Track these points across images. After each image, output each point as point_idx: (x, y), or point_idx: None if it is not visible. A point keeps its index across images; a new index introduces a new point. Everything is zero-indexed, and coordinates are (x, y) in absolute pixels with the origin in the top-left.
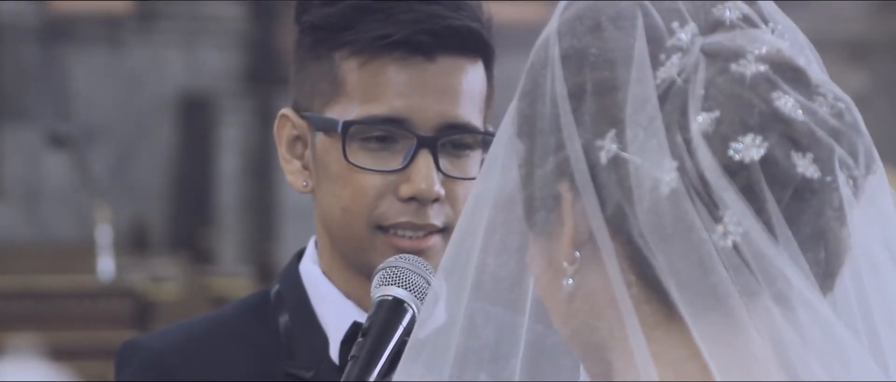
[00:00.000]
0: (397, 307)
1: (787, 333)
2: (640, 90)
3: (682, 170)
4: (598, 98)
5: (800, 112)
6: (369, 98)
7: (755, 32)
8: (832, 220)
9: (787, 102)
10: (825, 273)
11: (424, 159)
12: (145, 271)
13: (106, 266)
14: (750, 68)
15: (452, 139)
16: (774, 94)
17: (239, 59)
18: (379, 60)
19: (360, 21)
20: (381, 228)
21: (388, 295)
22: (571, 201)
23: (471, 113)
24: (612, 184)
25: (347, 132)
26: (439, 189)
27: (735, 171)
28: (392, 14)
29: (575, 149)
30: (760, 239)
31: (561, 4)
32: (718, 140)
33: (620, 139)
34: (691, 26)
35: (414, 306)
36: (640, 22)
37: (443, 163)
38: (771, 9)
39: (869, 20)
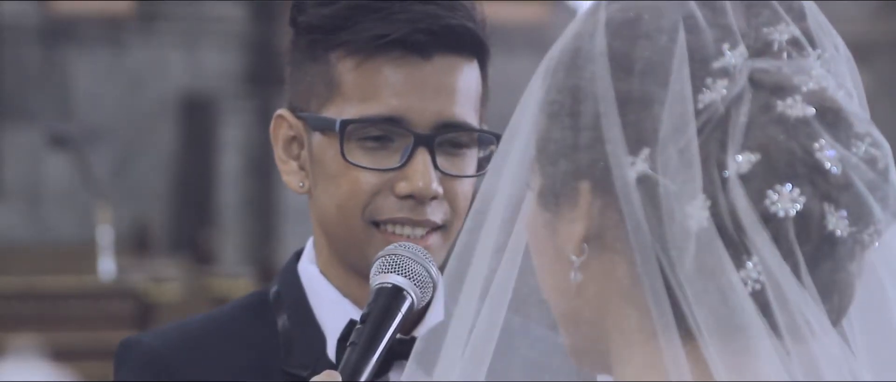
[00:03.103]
0: (396, 294)
1: (803, 371)
2: (679, 112)
3: (714, 209)
4: (635, 110)
5: (840, 165)
6: (366, 97)
7: (803, 63)
8: (850, 270)
9: (829, 155)
10: (836, 316)
11: (422, 157)
12: (146, 272)
13: (107, 266)
14: (796, 110)
15: (449, 138)
16: (816, 145)
17: (240, 59)
18: (375, 60)
19: (356, 21)
20: (376, 224)
21: (387, 283)
22: (590, 200)
23: (467, 112)
24: (636, 202)
25: (345, 131)
26: (437, 187)
27: (768, 220)
28: (388, 14)
29: (605, 156)
30: (784, 286)
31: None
32: (756, 185)
33: (653, 159)
34: (741, 49)
35: (413, 294)
36: (681, 37)
37: (440, 161)
38: (817, 25)
39: (870, 21)
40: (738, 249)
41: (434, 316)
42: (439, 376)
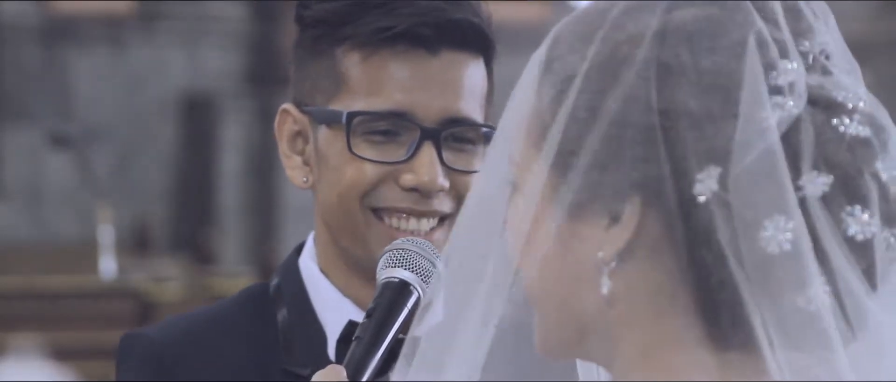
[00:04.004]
0: (403, 289)
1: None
2: (752, 129)
3: (795, 229)
4: (699, 126)
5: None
6: (373, 91)
7: (841, 79)
8: (883, 290)
9: (889, 176)
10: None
11: (428, 151)
12: (147, 271)
13: (108, 266)
14: (851, 128)
15: (455, 133)
16: (878, 165)
17: (240, 59)
18: (381, 54)
19: (361, 15)
20: (376, 212)
21: (394, 277)
22: (640, 212)
23: (473, 108)
24: (702, 224)
25: (351, 124)
26: (443, 181)
27: (846, 241)
28: (394, 8)
29: (664, 172)
30: (859, 302)
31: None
32: (833, 207)
33: (722, 177)
34: (799, 64)
35: (419, 288)
36: (752, 46)
37: (446, 155)
38: (829, 41)
39: (871, 20)
40: (810, 271)
41: (433, 315)
42: (432, 375)
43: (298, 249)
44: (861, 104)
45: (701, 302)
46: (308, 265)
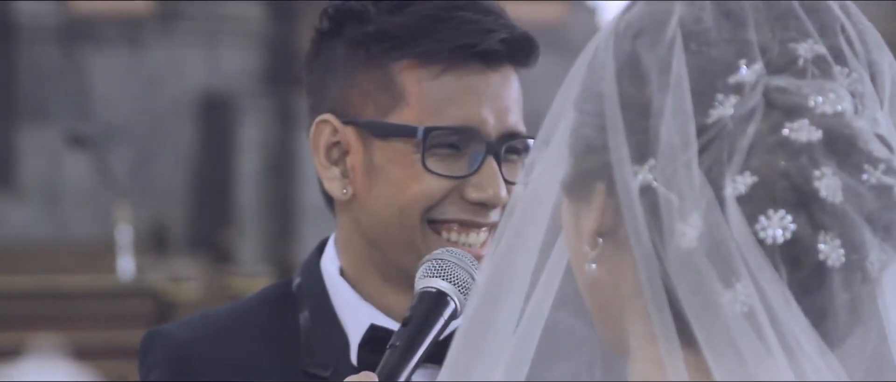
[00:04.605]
0: (440, 299)
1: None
2: (682, 125)
3: (707, 228)
4: (640, 118)
5: (839, 195)
6: (440, 108)
7: (824, 84)
8: (845, 298)
9: (828, 184)
10: (832, 341)
11: (491, 165)
12: (165, 271)
13: (126, 266)
14: (801, 134)
15: (512, 145)
16: (817, 172)
17: (259, 59)
18: (453, 70)
19: (430, 31)
20: (433, 224)
21: (432, 287)
22: (604, 199)
23: (521, 121)
24: (638, 211)
25: (427, 139)
26: (505, 195)
27: (760, 244)
28: (462, 24)
29: (616, 163)
30: (775, 309)
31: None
32: (750, 207)
33: (656, 170)
34: (758, 67)
35: (456, 299)
36: (678, 49)
37: (504, 168)
38: (858, 39)
39: (876, 22)
40: (727, 270)
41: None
42: (481, 376)
43: (320, 248)
44: (826, 108)
45: (653, 298)
46: (328, 267)
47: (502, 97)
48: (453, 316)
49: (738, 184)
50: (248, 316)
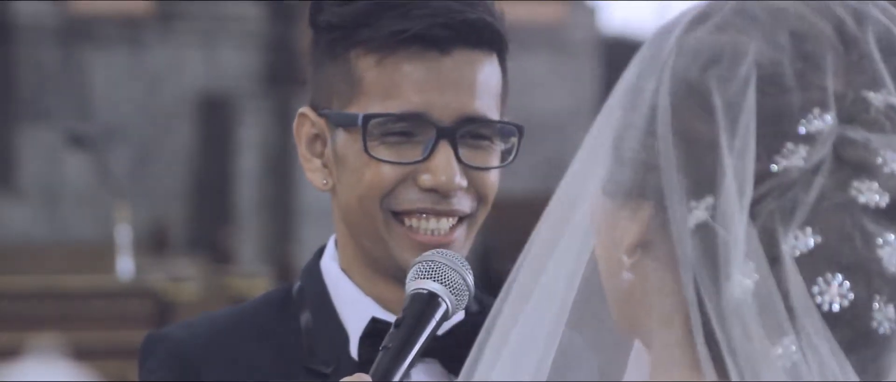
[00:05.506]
0: (431, 301)
1: None
2: (745, 169)
3: (761, 281)
4: (700, 152)
5: None
6: (388, 94)
7: (894, 139)
8: (891, 359)
9: (890, 253)
10: None
11: (444, 150)
12: (165, 271)
13: (125, 266)
14: (869, 197)
15: (471, 130)
16: (880, 240)
17: (258, 59)
18: (395, 56)
19: (375, 18)
20: (396, 215)
21: (423, 289)
22: (651, 214)
23: (488, 105)
24: (690, 247)
25: (367, 126)
26: (460, 180)
27: (815, 305)
28: (407, 10)
29: (668, 191)
30: (822, 368)
31: (689, 11)
32: (810, 267)
33: (715, 209)
34: (831, 117)
35: (448, 301)
36: (751, 91)
37: (463, 153)
38: None
39: None
40: (777, 326)
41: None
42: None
43: (320, 252)
44: (895, 167)
45: (697, 328)
46: (329, 266)
47: (457, 81)
48: (445, 317)
49: (800, 241)
50: (250, 318)
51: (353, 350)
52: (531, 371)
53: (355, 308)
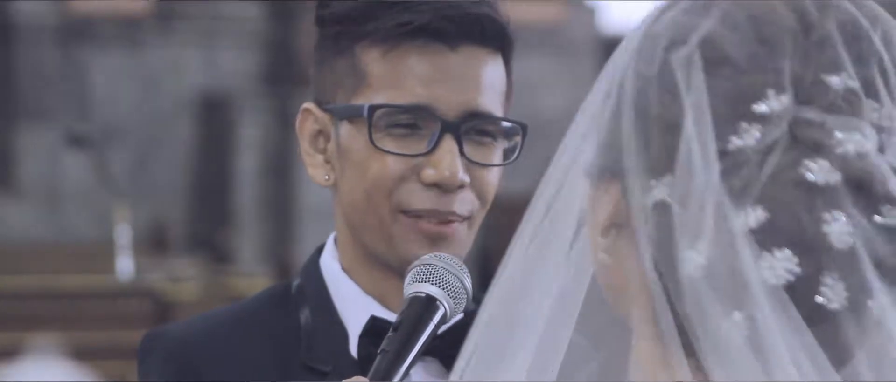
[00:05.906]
0: (429, 304)
1: None
2: (700, 149)
3: (714, 256)
4: (661, 132)
5: (849, 240)
6: (394, 86)
7: (851, 121)
8: (844, 336)
9: (837, 229)
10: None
11: (449, 144)
12: (164, 271)
13: (125, 266)
14: (819, 175)
15: (475, 126)
16: (827, 216)
17: (258, 59)
18: (401, 48)
19: (381, 12)
20: (405, 213)
21: (421, 293)
22: (619, 197)
23: (493, 103)
24: (650, 225)
25: (373, 117)
26: (463, 176)
27: (762, 280)
28: (414, 4)
29: (628, 170)
30: (767, 338)
31: (660, 4)
32: (757, 244)
33: (672, 187)
34: (786, 98)
35: (446, 304)
36: (698, 71)
37: (467, 149)
38: (895, 70)
39: None
40: (728, 300)
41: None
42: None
43: (319, 250)
44: (849, 147)
45: (660, 307)
46: (329, 264)
47: (463, 77)
48: (443, 320)
49: (750, 217)
50: (249, 316)
51: (353, 349)
52: (524, 367)
53: (355, 306)
